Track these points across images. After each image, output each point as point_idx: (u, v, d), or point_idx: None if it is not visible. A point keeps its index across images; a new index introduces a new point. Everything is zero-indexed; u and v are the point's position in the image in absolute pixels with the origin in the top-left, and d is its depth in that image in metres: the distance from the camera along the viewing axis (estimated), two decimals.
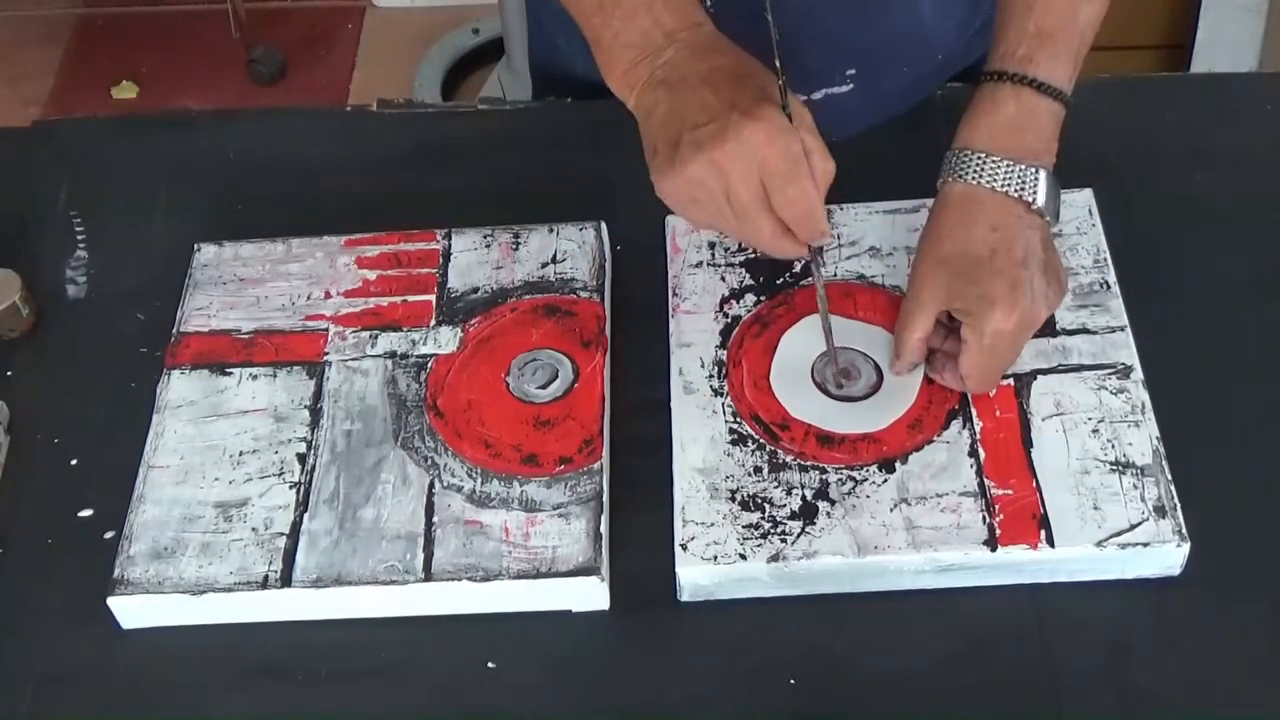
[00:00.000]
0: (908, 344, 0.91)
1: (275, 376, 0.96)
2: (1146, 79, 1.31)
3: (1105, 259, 0.99)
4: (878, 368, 0.94)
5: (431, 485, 0.90)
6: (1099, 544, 0.84)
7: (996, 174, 0.88)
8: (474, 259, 1.02)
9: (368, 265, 1.03)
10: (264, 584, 0.86)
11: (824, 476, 0.89)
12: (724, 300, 0.98)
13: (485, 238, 1.04)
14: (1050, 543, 0.84)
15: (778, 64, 0.84)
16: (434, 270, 1.02)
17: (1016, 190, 0.88)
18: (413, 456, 0.92)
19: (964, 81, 1.14)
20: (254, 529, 0.89)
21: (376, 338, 0.98)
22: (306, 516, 0.89)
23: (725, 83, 0.83)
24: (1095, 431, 0.89)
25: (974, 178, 0.89)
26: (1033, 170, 0.88)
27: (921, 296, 0.90)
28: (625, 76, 0.87)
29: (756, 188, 0.82)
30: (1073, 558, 0.85)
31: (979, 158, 0.89)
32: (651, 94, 0.85)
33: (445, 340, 0.98)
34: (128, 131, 1.21)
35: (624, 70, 0.87)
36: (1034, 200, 0.88)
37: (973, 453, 0.89)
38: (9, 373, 1.02)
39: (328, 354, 0.98)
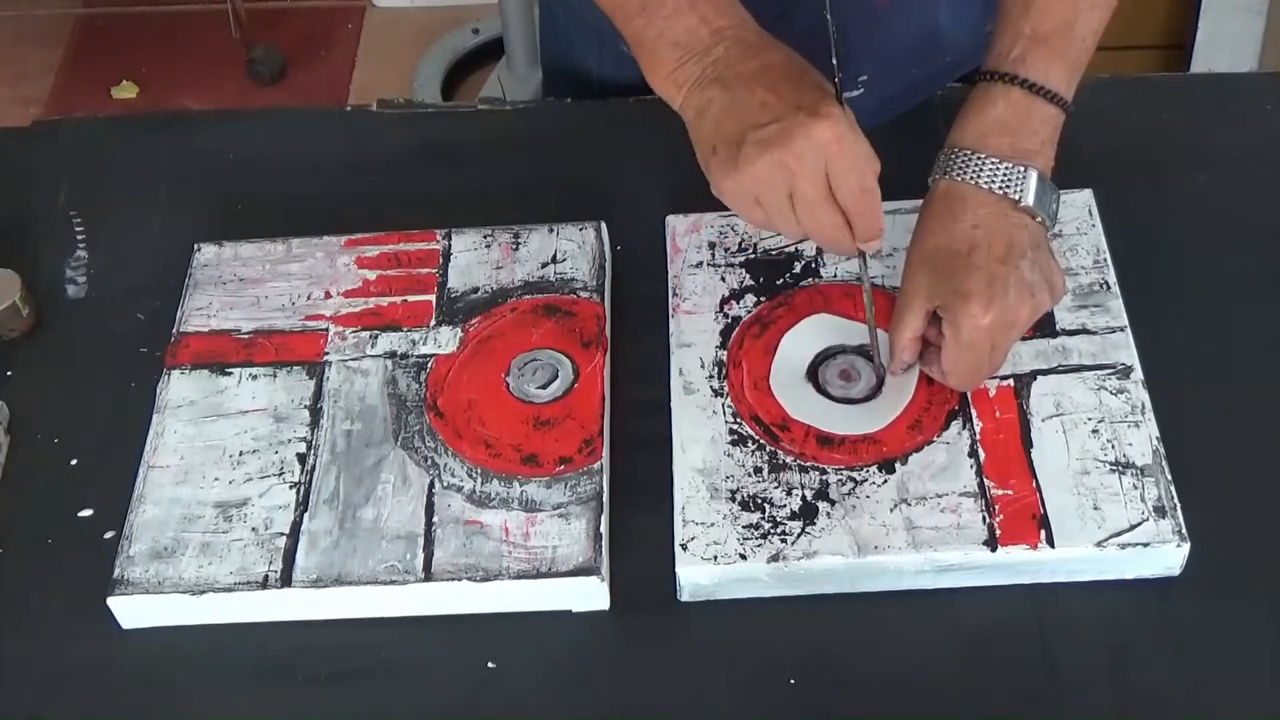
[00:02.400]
0: (899, 343, 0.91)
1: (275, 376, 0.96)
2: (1146, 79, 1.31)
3: (1105, 259, 0.99)
4: (877, 368, 0.94)
5: (431, 485, 0.90)
6: (1099, 544, 0.84)
7: (982, 171, 0.88)
8: (474, 259, 1.02)
9: (368, 265, 1.03)
10: (264, 584, 0.86)
11: (824, 477, 0.89)
12: (724, 300, 0.98)
13: (485, 238, 1.04)
14: (1050, 543, 0.84)
15: (834, 62, 0.84)
16: (434, 270, 1.02)
17: (1002, 188, 0.88)
18: (413, 456, 0.92)
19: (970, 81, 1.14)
20: (254, 529, 0.89)
21: (376, 338, 0.98)
22: (306, 516, 0.89)
23: (782, 81, 0.84)
24: (1095, 432, 0.89)
25: (959, 174, 0.89)
26: (1020, 169, 0.88)
27: (908, 295, 0.90)
28: (673, 76, 0.86)
29: (822, 185, 0.83)
30: (1073, 558, 0.85)
31: (965, 155, 0.89)
32: (703, 93, 0.85)
33: (445, 340, 0.98)
34: (128, 131, 1.21)
35: (671, 70, 0.86)
36: (1021, 198, 0.88)
37: (972, 453, 0.89)
38: (9, 373, 1.02)
39: (328, 354, 0.98)
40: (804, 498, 0.88)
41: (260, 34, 2.66)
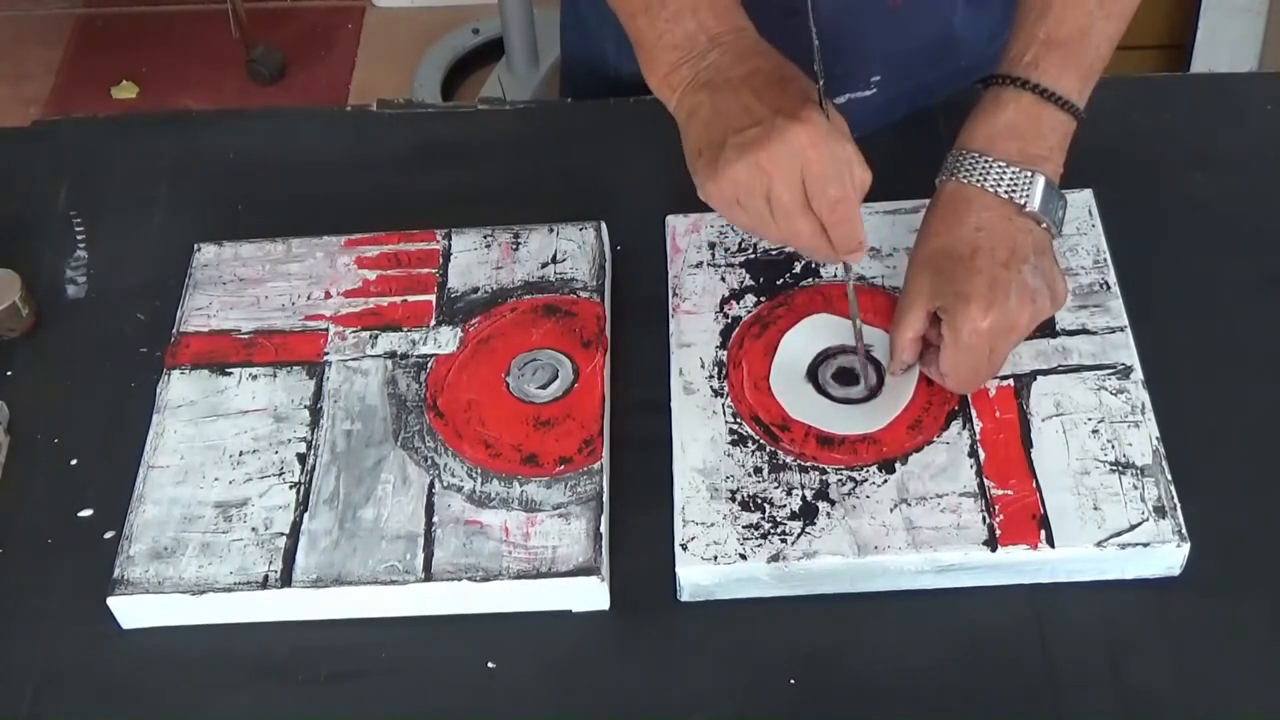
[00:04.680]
0: (899, 344, 0.91)
1: (275, 376, 0.96)
2: (1146, 79, 1.31)
3: (1105, 259, 0.99)
4: (878, 369, 0.94)
5: (431, 485, 0.90)
6: (1099, 544, 0.84)
7: (989, 174, 0.88)
8: (474, 259, 1.02)
9: (368, 265, 1.03)
10: (264, 584, 0.86)
11: (824, 477, 0.89)
12: (724, 300, 0.98)
13: (485, 238, 1.04)
14: (1050, 543, 0.84)
15: (818, 68, 0.84)
16: (434, 270, 1.02)
17: (1008, 192, 0.88)
18: (413, 456, 0.92)
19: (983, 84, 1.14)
20: (254, 529, 0.89)
21: (376, 338, 0.98)
22: (306, 516, 0.89)
23: (767, 86, 0.84)
24: (1095, 432, 0.89)
25: (966, 177, 0.89)
26: (1028, 174, 0.88)
27: (910, 295, 0.90)
28: (667, 78, 0.87)
29: (798, 189, 0.82)
30: (1073, 558, 0.85)
31: (973, 158, 0.89)
32: (694, 96, 0.86)
33: (445, 340, 0.98)
34: (128, 131, 1.21)
35: (666, 72, 0.87)
36: (1026, 203, 0.88)
37: (972, 453, 0.89)
38: (9, 373, 1.02)
39: (328, 354, 0.98)
40: (804, 498, 0.88)
41: (260, 34, 2.66)
